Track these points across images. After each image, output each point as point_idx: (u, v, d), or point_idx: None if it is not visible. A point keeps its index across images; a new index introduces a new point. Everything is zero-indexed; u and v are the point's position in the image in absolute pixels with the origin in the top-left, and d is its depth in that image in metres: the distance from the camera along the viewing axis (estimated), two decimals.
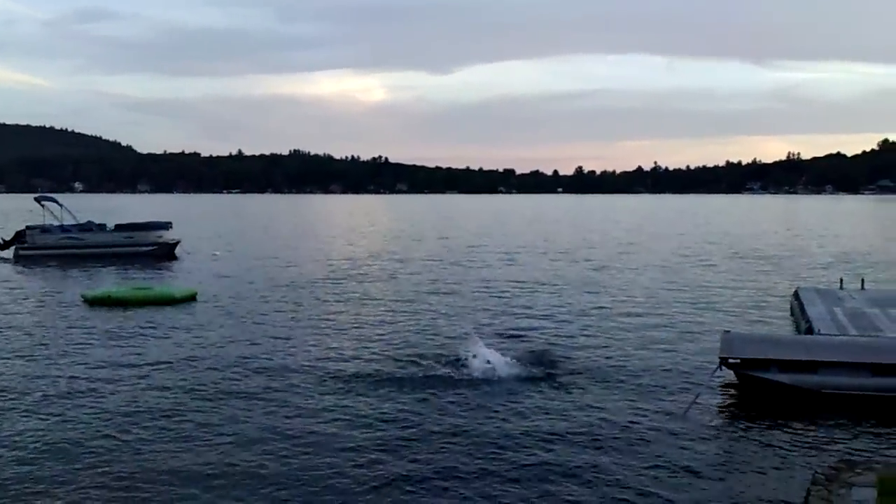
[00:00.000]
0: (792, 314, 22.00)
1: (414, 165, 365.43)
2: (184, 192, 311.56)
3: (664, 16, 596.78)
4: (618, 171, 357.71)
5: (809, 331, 17.36)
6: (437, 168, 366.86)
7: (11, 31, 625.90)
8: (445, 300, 25.99)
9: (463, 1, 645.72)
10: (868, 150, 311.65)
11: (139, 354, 17.54)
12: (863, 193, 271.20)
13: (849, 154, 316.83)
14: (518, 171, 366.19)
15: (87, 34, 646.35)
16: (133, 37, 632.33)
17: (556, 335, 19.67)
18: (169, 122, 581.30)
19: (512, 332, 20.02)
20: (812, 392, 13.59)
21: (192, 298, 25.66)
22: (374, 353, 17.35)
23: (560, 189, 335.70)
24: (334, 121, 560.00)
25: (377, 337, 19.49)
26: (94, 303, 24.67)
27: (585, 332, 20.06)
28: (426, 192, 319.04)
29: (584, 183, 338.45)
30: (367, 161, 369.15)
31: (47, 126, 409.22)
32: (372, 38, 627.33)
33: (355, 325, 21.20)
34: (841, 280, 24.97)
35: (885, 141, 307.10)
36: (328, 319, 22.21)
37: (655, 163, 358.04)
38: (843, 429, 12.20)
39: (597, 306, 24.57)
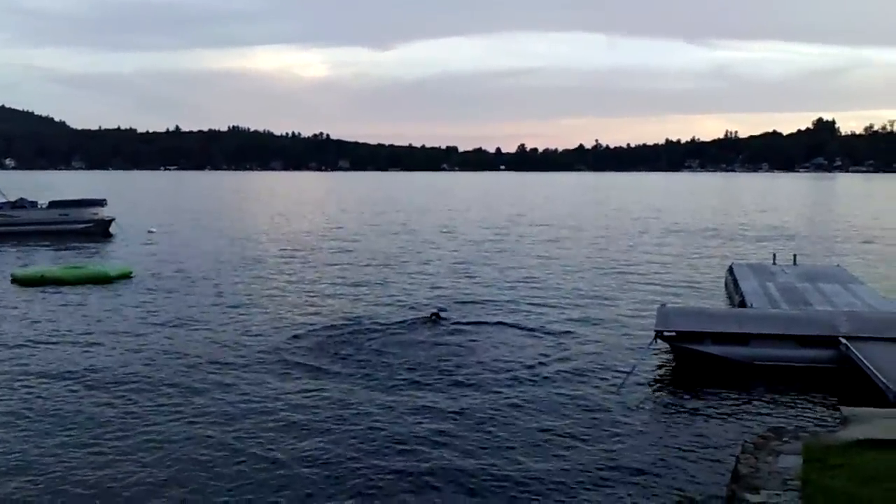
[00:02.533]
0: (726, 289, 22.50)
1: (356, 142, 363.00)
2: (119, 168, 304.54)
3: None
4: (560, 149, 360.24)
5: (742, 304, 17.75)
6: (380, 145, 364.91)
7: None
8: (391, 277, 25.93)
9: None
10: (803, 128, 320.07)
11: (72, 335, 17.13)
12: (798, 171, 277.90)
13: (784, 133, 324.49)
14: (461, 149, 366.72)
15: (15, 6, 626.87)
16: (64, 9, 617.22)
17: (495, 309, 19.83)
18: (104, 97, 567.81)
19: (452, 305, 20.05)
20: (743, 364, 13.95)
21: (127, 276, 25.19)
22: (311, 332, 17.19)
23: (503, 166, 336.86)
24: (274, 97, 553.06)
25: (317, 313, 19.35)
26: (25, 283, 24.01)
27: (524, 306, 20.24)
28: (368, 170, 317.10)
29: (526, 160, 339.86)
30: (308, 138, 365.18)
31: None
32: (311, 12, 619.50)
33: (296, 304, 21.02)
34: (774, 255, 25.56)
35: (820, 120, 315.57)
36: (268, 296, 21.99)
37: (597, 140, 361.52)
38: (772, 399, 12.55)
39: (535, 280, 24.81)
